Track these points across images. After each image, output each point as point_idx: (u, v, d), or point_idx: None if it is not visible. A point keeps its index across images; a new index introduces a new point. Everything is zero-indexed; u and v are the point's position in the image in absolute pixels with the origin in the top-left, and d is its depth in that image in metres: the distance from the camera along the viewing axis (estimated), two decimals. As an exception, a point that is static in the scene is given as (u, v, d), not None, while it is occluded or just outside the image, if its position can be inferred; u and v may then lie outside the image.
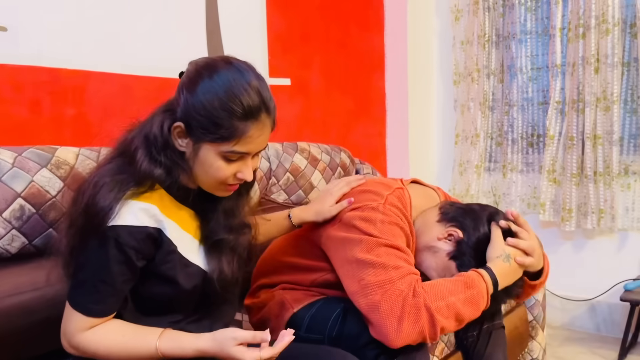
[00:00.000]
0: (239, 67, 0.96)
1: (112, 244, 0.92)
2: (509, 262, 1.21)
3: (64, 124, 1.59)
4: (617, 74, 2.36)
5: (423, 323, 1.07)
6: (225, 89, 0.93)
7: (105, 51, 1.67)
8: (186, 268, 1.01)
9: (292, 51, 2.35)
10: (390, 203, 1.25)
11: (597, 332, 2.57)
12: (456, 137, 2.89)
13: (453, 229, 1.29)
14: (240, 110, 0.93)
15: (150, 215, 0.96)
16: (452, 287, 1.14)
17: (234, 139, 0.94)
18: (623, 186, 2.44)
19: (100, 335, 0.95)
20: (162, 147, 0.96)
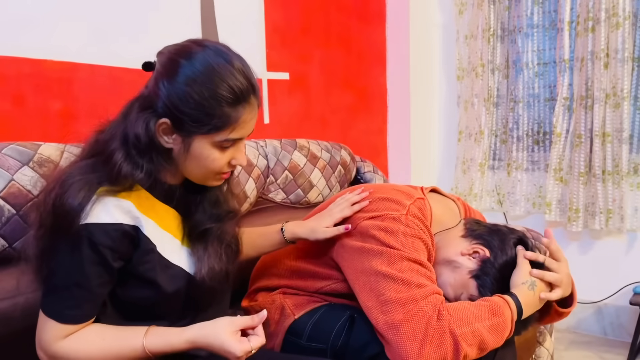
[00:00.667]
0: (216, 49, 0.89)
1: (86, 243, 0.85)
2: (533, 290, 1.14)
3: (49, 119, 1.51)
4: (627, 70, 2.28)
5: (446, 349, 1.00)
6: (210, 74, 0.86)
7: (93, 42, 1.59)
8: (167, 269, 0.94)
9: (290, 45, 2.27)
10: (413, 214, 1.16)
11: (604, 336, 2.51)
12: (459, 134, 2.81)
13: (479, 246, 1.20)
14: (230, 96, 0.87)
15: (125, 212, 0.89)
16: (478, 313, 1.06)
17: (228, 126, 0.89)
18: (632, 185, 2.36)
19: (79, 342, 0.89)
20: (145, 148, 0.88)
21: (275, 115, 2.19)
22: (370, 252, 1.11)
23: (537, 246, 1.25)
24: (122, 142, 0.89)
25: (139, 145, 0.88)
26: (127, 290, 0.93)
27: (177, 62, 0.87)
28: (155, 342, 0.89)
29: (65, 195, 0.85)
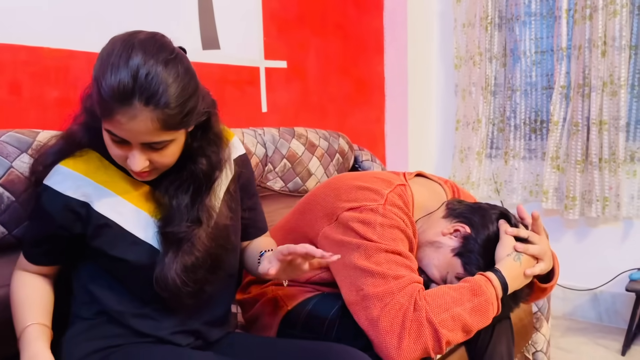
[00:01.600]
0: (128, 41, 0.85)
1: (38, 199, 0.97)
2: (519, 261, 1.13)
3: (47, 107, 1.50)
4: (624, 58, 2.28)
5: (426, 339, 1.00)
6: (105, 59, 0.84)
7: (90, 29, 1.58)
8: (134, 245, 0.96)
9: (288, 33, 2.26)
10: (391, 203, 1.15)
11: (600, 322, 2.53)
12: (457, 122, 2.81)
13: (460, 224, 1.20)
14: (104, 89, 0.82)
15: (76, 186, 0.94)
16: (457, 296, 1.06)
17: (105, 118, 0.85)
18: (629, 173, 2.37)
19: (17, 282, 1.02)
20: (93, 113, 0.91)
21: (273, 103, 2.19)
22: (348, 245, 1.11)
23: (519, 221, 1.24)
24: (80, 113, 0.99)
25: (88, 109, 0.95)
26: (100, 260, 0.99)
27: (103, 48, 0.88)
28: (21, 339, 0.95)
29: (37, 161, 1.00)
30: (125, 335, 0.99)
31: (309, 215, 1.26)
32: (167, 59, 0.85)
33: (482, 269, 1.14)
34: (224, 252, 1.04)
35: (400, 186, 1.22)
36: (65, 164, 0.96)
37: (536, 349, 1.84)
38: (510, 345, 1.41)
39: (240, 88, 2.04)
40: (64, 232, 0.98)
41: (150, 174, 0.94)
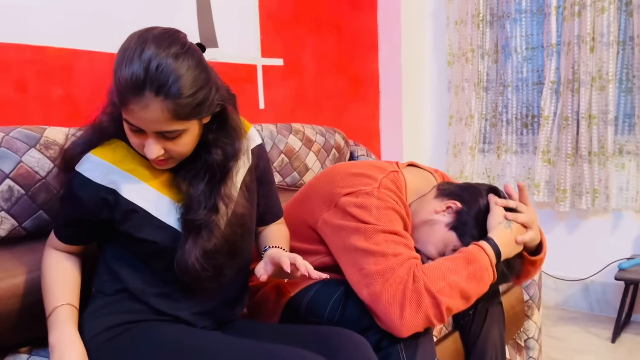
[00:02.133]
0: (143, 36, 0.91)
1: (69, 184, 1.02)
2: (510, 228, 1.20)
3: (52, 104, 1.55)
4: (612, 53, 2.34)
5: (426, 307, 1.06)
6: (122, 52, 0.90)
7: (93, 29, 1.62)
8: (160, 229, 1.01)
9: (284, 31, 2.31)
10: (385, 187, 1.22)
11: (590, 312, 2.59)
12: (450, 118, 2.87)
13: (451, 201, 1.27)
14: (119, 80, 0.88)
15: (105, 173, 0.99)
16: (453, 266, 1.12)
17: (121, 107, 0.91)
18: (617, 166, 2.44)
19: (49, 261, 1.07)
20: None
21: (270, 100, 2.24)
22: (347, 229, 1.17)
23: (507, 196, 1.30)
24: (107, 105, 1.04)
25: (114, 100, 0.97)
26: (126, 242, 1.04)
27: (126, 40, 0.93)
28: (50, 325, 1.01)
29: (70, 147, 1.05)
30: (145, 312, 1.04)
31: (307, 205, 1.31)
32: (178, 52, 0.90)
33: (477, 239, 1.20)
34: (241, 238, 1.09)
35: (393, 172, 1.28)
36: (95, 152, 1.01)
37: (528, 336, 1.90)
38: (502, 331, 1.47)
39: (238, 85, 2.09)
40: (91, 217, 1.03)
41: (167, 163, 0.99)
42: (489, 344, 1.42)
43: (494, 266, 1.16)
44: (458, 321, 1.47)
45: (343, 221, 1.18)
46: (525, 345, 1.91)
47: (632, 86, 2.38)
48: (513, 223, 1.20)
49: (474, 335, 1.43)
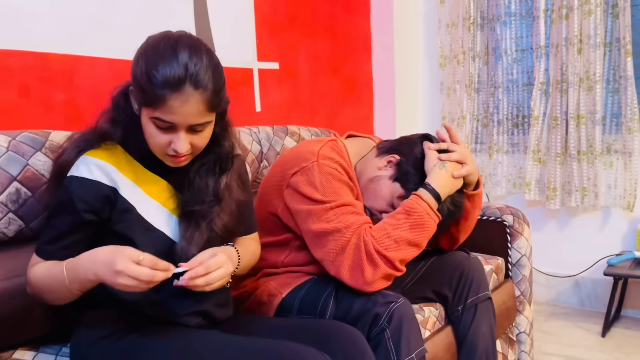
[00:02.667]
0: (175, 38, 0.98)
1: (64, 191, 1.02)
2: (444, 168, 1.29)
3: (54, 109, 1.59)
4: (599, 55, 2.40)
5: (381, 266, 1.18)
6: (151, 54, 0.96)
7: (94, 35, 1.67)
8: (148, 232, 1.04)
9: (279, 35, 2.35)
10: (323, 156, 1.30)
11: (581, 307, 2.65)
12: (443, 119, 2.93)
13: (391, 155, 1.36)
14: (158, 78, 0.94)
15: (105, 173, 1.02)
16: (395, 222, 1.23)
17: (155, 105, 0.95)
18: (605, 164, 2.50)
19: (35, 271, 1.02)
20: (124, 109, 1.04)
21: (266, 103, 2.28)
22: (301, 214, 1.28)
23: (440, 140, 1.39)
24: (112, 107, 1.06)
25: (119, 107, 1.04)
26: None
27: (144, 42, 1.00)
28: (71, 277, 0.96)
29: (63, 153, 1.05)
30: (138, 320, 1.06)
31: (268, 195, 1.40)
32: (207, 50, 1.00)
33: (418, 183, 1.30)
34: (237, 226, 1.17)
35: (330, 141, 1.37)
36: (91, 154, 1.04)
37: (520, 331, 1.95)
38: (492, 325, 1.52)
39: (235, 89, 2.14)
40: (92, 218, 1.02)
41: (187, 159, 1.05)
42: (479, 338, 1.47)
43: (434, 209, 1.26)
44: (449, 316, 1.51)
45: (296, 206, 1.28)
46: (517, 340, 1.96)
47: (618, 86, 2.44)
48: (447, 162, 1.30)
49: (463, 330, 1.48)
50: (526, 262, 1.93)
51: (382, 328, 1.16)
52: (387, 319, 1.15)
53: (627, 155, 2.42)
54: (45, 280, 1.01)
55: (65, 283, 0.97)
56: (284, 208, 1.33)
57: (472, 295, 1.48)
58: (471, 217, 1.48)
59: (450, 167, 1.30)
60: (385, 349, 1.15)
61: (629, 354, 2.12)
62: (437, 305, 1.51)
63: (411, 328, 1.18)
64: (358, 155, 1.44)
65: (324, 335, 1.07)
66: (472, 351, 1.45)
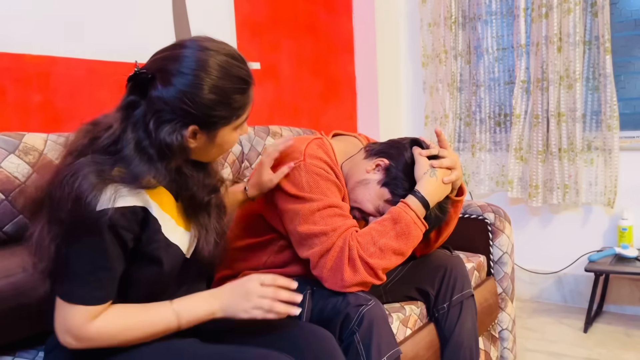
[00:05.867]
0: (217, 49, 0.98)
1: (106, 228, 0.90)
2: (435, 176, 1.28)
3: (30, 111, 1.57)
4: (579, 53, 2.42)
5: (361, 272, 1.18)
6: (227, 76, 0.97)
7: (70, 36, 1.65)
8: (168, 248, 1.02)
9: (260, 35, 2.35)
10: (310, 155, 1.29)
11: (564, 303, 2.67)
12: (426, 118, 2.94)
13: (380, 159, 1.35)
14: (244, 86, 0.99)
15: (135, 194, 0.94)
16: (381, 229, 1.23)
17: (246, 110, 1.02)
18: (586, 162, 2.52)
19: (111, 320, 0.94)
20: (171, 154, 0.96)
21: (248, 103, 2.27)
22: (288, 213, 1.26)
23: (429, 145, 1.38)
24: (136, 148, 0.95)
25: (165, 153, 0.95)
26: (134, 269, 0.98)
27: (197, 76, 0.95)
28: (184, 312, 0.99)
29: (81, 187, 0.88)
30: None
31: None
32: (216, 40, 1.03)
33: (408, 190, 1.29)
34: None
35: (317, 139, 1.36)
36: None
37: (502, 328, 1.96)
38: (474, 322, 1.53)
39: (216, 89, 2.12)
40: (132, 244, 0.96)
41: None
42: (464, 335, 1.48)
43: (421, 218, 1.26)
44: (433, 315, 1.52)
45: (283, 204, 1.27)
46: (500, 337, 1.97)
47: (598, 84, 2.47)
48: (437, 170, 1.29)
49: (450, 327, 1.48)
50: (508, 260, 1.94)
51: (352, 331, 1.16)
52: (357, 322, 1.15)
53: (607, 152, 2.44)
54: (137, 329, 0.96)
55: (173, 325, 0.99)
56: (269, 207, 1.33)
57: (457, 293, 1.49)
58: (452, 223, 1.49)
59: (440, 174, 1.30)
60: (356, 352, 1.15)
61: (610, 349, 2.15)
62: (419, 303, 1.52)
63: (382, 331, 1.18)
64: (344, 154, 1.43)
65: (294, 337, 1.07)
66: (457, 348, 1.46)
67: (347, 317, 1.16)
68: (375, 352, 1.14)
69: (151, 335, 0.97)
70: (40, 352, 1.23)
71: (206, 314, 1.01)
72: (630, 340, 2.22)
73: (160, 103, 0.95)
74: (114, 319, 0.95)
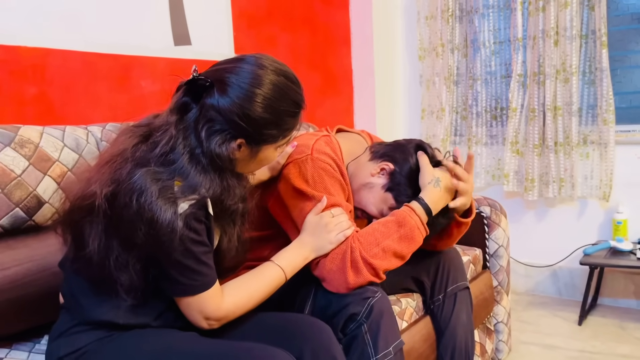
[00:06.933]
0: (274, 69, 1.01)
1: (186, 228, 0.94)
2: (439, 187, 1.30)
3: (25, 103, 1.56)
4: (575, 46, 2.42)
5: (365, 273, 1.19)
6: (281, 96, 1.00)
7: (65, 28, 1.64)
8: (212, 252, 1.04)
9: (257, 28, 2.34)
10: (317, 150, 1.29)
11: (559, 296, 2.69)
12: (422, 112, 2.94)
13: (384, 163, 1.36)
14: (296, 110, 1.03)
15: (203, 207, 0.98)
16: (385, 230, 1.23)
17: (292, 131, 1.05)
18: (582, 155, 2.53)
19: (237, 292, 1.06)
20: (220, 164, 0.99)
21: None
22: (293, 210, 1.26)
23: (433, 149, 1.39)
24: (190, 157, 0.97)
25: (216, 163, 0.98)
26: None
27: (252, 92, 0.98)
28: (286, 264, 1.14)
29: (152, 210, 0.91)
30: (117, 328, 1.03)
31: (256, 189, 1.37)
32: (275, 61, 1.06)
33: (411, 196, 1.30)
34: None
35: (324, 136, 1.36)
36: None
37: (497, 320, 1.98)
38: (469, 314, 1.54)
39: (212, 82, 2.12)
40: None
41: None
42: (459, 328, 1.49)
43: (424, 224, 1.27)
44: (429, 307, 1.53)
45: (288, 199, 1.27)
46: (495, 329, 1.98)
47: (594, 78, 2.47)
48: (441, 181, 1.30)
49: (445, 319, 1.49)
50: (503, 253, 1.95)
51: (359, 323, 1.17)
52: (366, 314, 1.16)
53: (602, 146, 2.45)
54: (258, 291, 1.09)
55: (282, 279, 1.13)
56: (274, 200, 1.32)
57: (452, 284, 1.50)
58: (453, 238, 1.48)
59: (444, 185, 1.31)
60: (363, 342, 1.16)
61: (604, 342, 2.16)
62: (415, 296, 1.53)
63: (389, 322, 1.19)
64: (350, 154, 1.43)
65: (291, 330, 1.08)
66: (453, 340, 1.47)
67: (354, 310, 1.17)
68: (382, 342, 1.16)
69: (269, 293, 1.11)
70: (36, 345, 1.23)
71: (303, 261, 1.18)
72: (624, 333, 2.24)
73: (213, 112, 0.98)
74: (238, 291, 1.06)
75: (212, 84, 0.98)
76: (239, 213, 1.08)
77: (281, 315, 1.15)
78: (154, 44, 1.88)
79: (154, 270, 0.98)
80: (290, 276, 1.15)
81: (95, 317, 1.01)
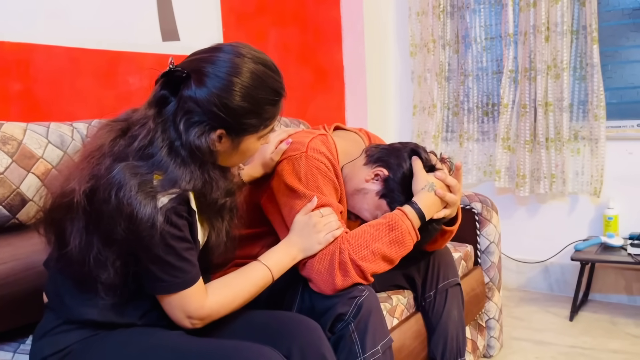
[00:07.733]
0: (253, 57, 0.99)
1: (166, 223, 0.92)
2: (433, 191, 1.29)
3: (10, 100, 1.53)
4: (566, 42, 2.42)
5: (353, 274, 1.17)
6: (260, 85, 0.98)
7: (50, 23, 1.61)
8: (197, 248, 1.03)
9: (247, 23, 2.31)
10: (312, 148, 1.28)
11: (550, 292, 2.69)
12: (414, 108, 2.93)
13: (379, 169, 1.35)
14: (275, 98, 1.01)
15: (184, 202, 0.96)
16: (376, 233, 1.22)
17: (273, 120, 1.03)
18: (573, 151, 2.53)
19: (222, 291, 1.03)
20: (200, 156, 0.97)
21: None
22: (284, 208, 1.25)
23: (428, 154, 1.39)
24: (169, 150, 0.95)
25: (196, 155, 0.96)
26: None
27: (230, 81, 0.96)
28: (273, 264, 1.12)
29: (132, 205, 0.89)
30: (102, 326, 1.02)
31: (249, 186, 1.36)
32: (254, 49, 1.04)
33: (403, 203, 1.30)
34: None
35: (321, 135, 1.34)
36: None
37: (489, 317, 1.97)
38: (460, 311, 1.53)
39: (202, 78, 2.09)
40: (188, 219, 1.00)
41: None
42: (450, 323, 1.48)
43: (416, 229, 1.26)
44: (420, 304, 1.52)
45: (280, 196, 1.25)
46: (487, 326, 1.98)
47: (585, 74, 2.47)
48: (435, 186, 1.30)
49: (436, 315, 1.49)
50: (495, 249, 1.95)
51: (347, 322, 1.15)
52: (353, 314, 1.15)
53: (593, 142, 2.45)
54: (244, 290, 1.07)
55: (269, 279, 1.11)
56: (267, 197, 1.30)
57: (443, 280, 1.49)
58: (437, 244, 1.48)
59: (437, 184, 1.31)
60: (350, 341, 1.15)
61: (595, 337, 2.16)
62: (405, 293, 1.52)
63: (377, 320, 1.18)
64: (347, 155, 1.41)
65: (279, 328, 1.07)
66: (444, 337, 1.46)
67: (342, 309, 1.15)
68: (370, 341, 1.15)
69: (255, 294, 1.09)
70: (21, 345, 1.21)
71: (290, 261, 1.16)
72: (615, 329, 2.24)
73: (191, 103, 0.96)
74: (222, 290, 1.03)
75: (188, 75, 0.96)
76: (226, 207, 1.06)
77: (270, 313, 1.14)
78: (141, 40, 1.85)
79: (134, 268, 0.96)
80: (277, 276, 1.13)
81: (79, 317, 1.00)
